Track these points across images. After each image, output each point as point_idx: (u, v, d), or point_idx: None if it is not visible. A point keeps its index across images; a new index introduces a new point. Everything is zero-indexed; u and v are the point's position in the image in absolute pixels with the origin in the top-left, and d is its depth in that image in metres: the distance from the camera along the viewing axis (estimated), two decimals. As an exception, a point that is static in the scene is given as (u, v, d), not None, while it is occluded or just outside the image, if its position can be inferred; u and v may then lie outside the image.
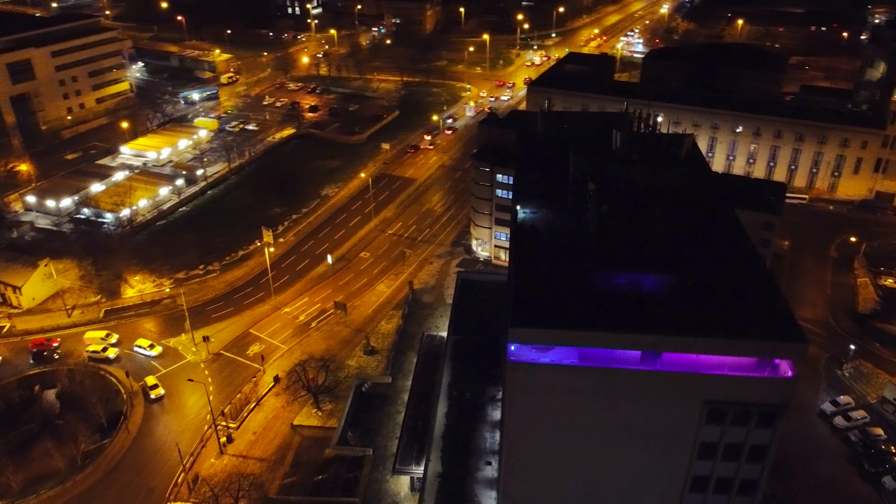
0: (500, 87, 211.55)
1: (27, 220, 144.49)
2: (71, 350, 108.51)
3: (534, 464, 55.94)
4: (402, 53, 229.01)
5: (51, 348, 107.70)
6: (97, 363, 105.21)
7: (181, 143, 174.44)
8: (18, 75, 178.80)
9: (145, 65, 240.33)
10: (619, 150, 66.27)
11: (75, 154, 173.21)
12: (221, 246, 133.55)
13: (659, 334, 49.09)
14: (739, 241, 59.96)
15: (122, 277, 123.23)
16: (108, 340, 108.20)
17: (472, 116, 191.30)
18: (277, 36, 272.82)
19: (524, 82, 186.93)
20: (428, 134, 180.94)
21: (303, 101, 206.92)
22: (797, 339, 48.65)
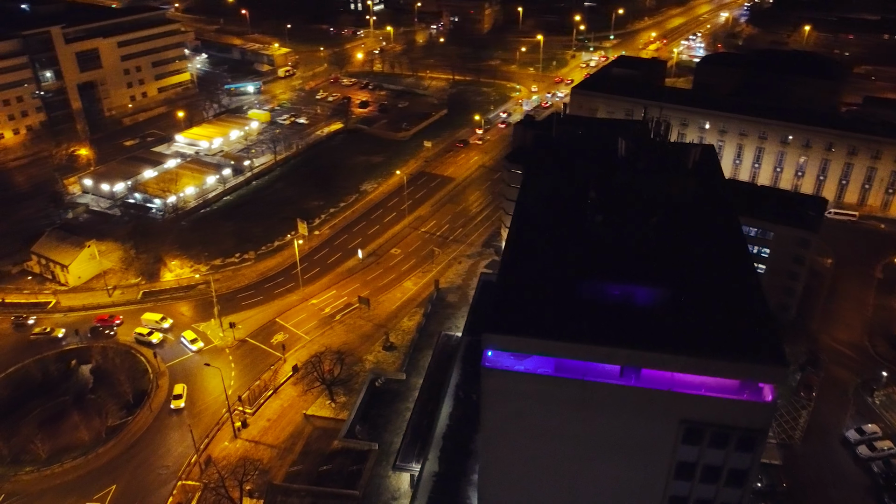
0: (557, 84, 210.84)
1: (83, 203, 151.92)
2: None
3: (510, 470, 55.90)
4: (455, 52, 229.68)
5: (113, 325, 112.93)
6: (140, 344, 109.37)
7: (233, 134, 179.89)
8: (87, 64, 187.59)
9: (209, 56, 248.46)
10: (625, 158, 65.28)
11: (133, 141, 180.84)
12: (259, 236, 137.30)
13: (633, 349, 48.32)
14: (737, 256, 58.20)
15: (162, 261, 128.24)
16: (161, 324, 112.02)
17: (528, 111, 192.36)
18: (338, 31, 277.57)
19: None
20: (479, 128, 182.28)
21: (355, 97, 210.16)
22: (776, 362, 47.09)
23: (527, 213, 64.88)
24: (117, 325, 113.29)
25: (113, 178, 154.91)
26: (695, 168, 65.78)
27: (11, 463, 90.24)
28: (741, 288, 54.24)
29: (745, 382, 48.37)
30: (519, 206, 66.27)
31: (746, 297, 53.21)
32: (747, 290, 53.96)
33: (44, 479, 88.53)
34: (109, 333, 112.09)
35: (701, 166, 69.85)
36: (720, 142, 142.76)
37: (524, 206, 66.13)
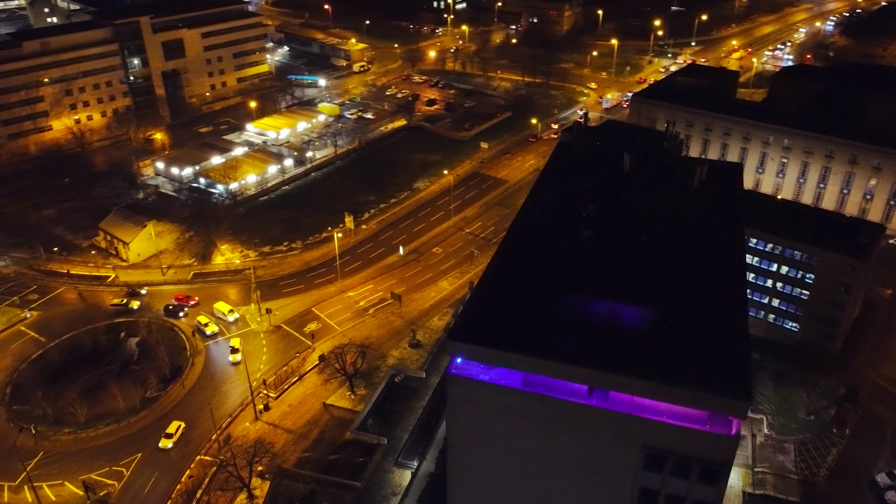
0: (640, 85, 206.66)
1: (153, 184, 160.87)
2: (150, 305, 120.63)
3: (476, 478, 56.15)
4: (528, 53, 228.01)
5: (187, 305, 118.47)
6: (197, 332, 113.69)
7: (300, 126, 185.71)
8: (171, 53, 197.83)
9: (290, 49, 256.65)
10: (629, 172, 64.02)
11: (207, 128, 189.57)
12: (309, 226, 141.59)
13: (595, 369, 47.65)
14: (729, 281, 56.07)
15: (214, 245, 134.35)
16: (228, 316, 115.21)
17: (607, 109, 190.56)
18: (417, 29, 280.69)
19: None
20: (555, 123, 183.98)
21: (423, 94, 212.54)
22: (740, 395, 45.38)
23: (524, 221, 64.66)
24: (191, 306, 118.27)
25: (183, 162, 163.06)
26: (701, 186, 63.60)
27: (53, 423, 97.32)
28: (724, 315, 52.39)
29: (707, 413, 46.81)
30: (519, 214, 66.13)
31: (726, 326, 51.38)
32: (729, 319, 52.08)
33: (79, 441, 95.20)
34: (180, 315, 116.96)
35: (715, 184, 67.56)
36: (784, 159, 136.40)
37: (525, 214, 65.92)
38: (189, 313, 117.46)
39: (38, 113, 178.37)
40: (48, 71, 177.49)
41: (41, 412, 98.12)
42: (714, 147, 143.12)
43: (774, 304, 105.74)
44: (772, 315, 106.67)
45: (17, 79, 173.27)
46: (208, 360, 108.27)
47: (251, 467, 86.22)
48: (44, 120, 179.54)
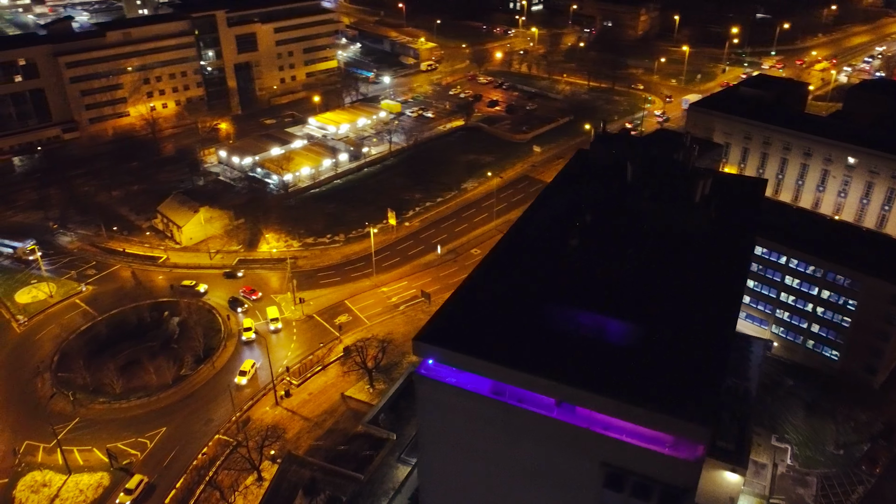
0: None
1: (215, 172, 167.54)
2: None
3: (445, 479, 56.27)
4: (596, 57, 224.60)
5: (251, 298, 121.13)
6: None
7: (360, 122, 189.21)
8: (244, 46, 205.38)
9: (362, 46, 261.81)
10: (631, 184, 62.56)
11: (272, 120, 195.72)
12: (353, 220, 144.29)
13: (555, 381, 46.94)
14: (719, 302, 53.96)
15: (262, 233, 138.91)
16: (270, 325, 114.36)
17: (661, 120, 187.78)
18: (489, 29, 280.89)
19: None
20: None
21: (486, 95, 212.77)
22: (701, 419, 43.75)
23: (521, 227, 64.20)
24: (254, 301, 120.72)
25: (244, 152, 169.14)
26: (705, 200, 61.30)
27: (91, 392, 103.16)
28: (705, 337, 50.49)
29: (672, 436, 45.39)
30: (519, 220, 65.68)
31: (705, 348, 49.52)
32: (710, 341, 50.16)
33: (112, 411, 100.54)
34: (238, 310, 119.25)
35: (731, 199, 65.18)
36: (847, 178, 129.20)
37: (523, 220, 65.43)
38: (248, 308, 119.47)
39: (117, 99, 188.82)
40: (129, 60, 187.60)
41: (82, 381, 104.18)
42: (772, 162, 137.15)
43: (814, 330, 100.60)
44: (811, 341, 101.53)
45: (100, 66, 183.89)
46: (239, 344, 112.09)
47: (261, 450, 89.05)
48: (122, 106, 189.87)
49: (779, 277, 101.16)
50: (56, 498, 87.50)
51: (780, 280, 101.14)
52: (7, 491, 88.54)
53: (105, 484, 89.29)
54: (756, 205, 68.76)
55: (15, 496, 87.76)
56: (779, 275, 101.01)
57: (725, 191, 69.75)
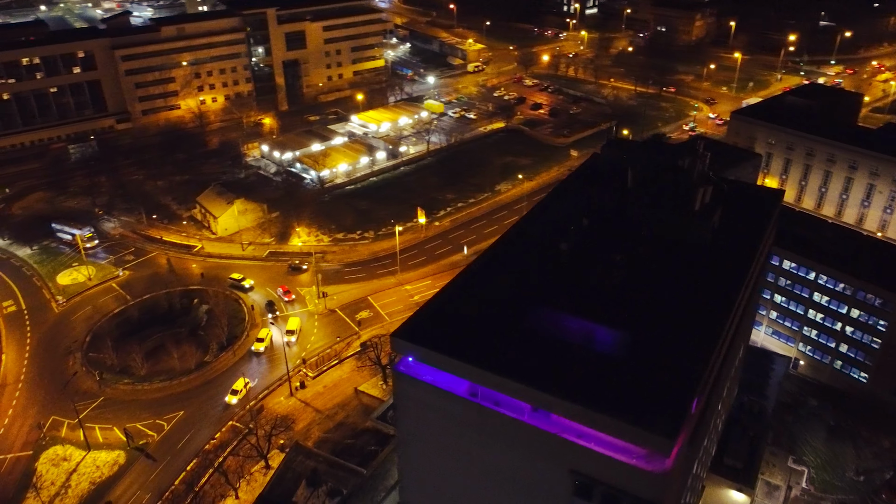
0: None
1: (256, 166, 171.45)
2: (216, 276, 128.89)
3: (423, 476, 56.34)
4: (647, 62, 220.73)
5: (286, 300, 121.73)
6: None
7: (401, 121, 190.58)
8: (293, 43, 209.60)
9: (411, 46, 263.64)
10: (632, 190, 61.42)
11: (316, 117, 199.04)
12: (384, 217, 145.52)
13: (524, 384, 46.45)
14: (707, 314, 52.42)
15: (294, 227, 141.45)
16: (290, 337, 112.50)
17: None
18: (541, 32, 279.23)
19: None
20: (686, 124, 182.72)
21: (531, 98, 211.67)
22: (665, 432, 42.63)
23: (518, 230, 63.74)
24: (286, 302, 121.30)
25: (285, 147, 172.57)
26: (706, 209, 59.59)
27: (118, 373, 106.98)
28: (683, 349, 49.15)
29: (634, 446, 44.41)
30: (518, 223, 65.25)
31: (683, 360, 48.21)
32: (690, 352, 48.80)
33: (135, 392, 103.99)
34: (276, 311, 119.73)
35: (742, 210, 63.42)
36: (894, 192, 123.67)
37: (522, 222, 64.98)
38: (279, 312, 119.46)
39: (169, 92, 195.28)
40: (181, 55, 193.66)
41: (110, 362, 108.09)
42: (815, 175, 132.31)
43: (842, 350, 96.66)
44: (839, 361, 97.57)
45: (154, 60, 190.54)
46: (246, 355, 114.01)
47: (270, 439, 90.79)
48: (173, 99, 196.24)
49: (807, 294, 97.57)
50: (74, 472, 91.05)
51: (809, 296, 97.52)
52: (30, 462, 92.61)
53: (121, 462, 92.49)
54: (767, 216, 66.49)
55: (37, 468, 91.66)
56: (807, 291, 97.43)
57: (738, 200, 68.01)
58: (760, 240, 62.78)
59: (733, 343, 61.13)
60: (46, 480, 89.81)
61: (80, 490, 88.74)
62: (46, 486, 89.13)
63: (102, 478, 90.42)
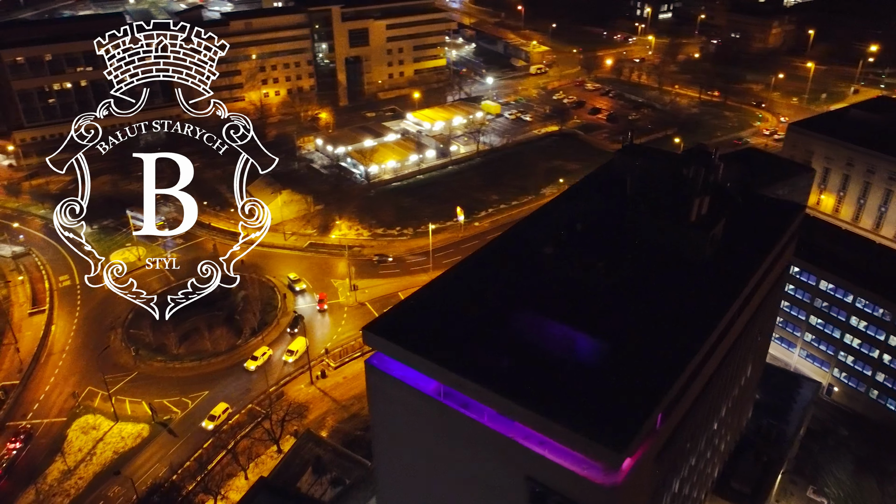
0: None
1: (309, 159, 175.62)
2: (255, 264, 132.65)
3: (395, 472, 56.69)
4: (715, 69, 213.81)
5: (319, 308, 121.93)
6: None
7: (456, 120, 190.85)
8: (356, 40, 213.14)
9: (476, 46, 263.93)
10: (630, 197, 60.00)
11: (372, 113, 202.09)
12: (425, 215, 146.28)
13: (480, 385, 46.14)
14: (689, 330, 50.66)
15: (335, 220, 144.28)
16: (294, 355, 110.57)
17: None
18: (610, 36, 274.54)
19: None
20: (767, 128, 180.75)
21: (590, 102, 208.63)
22: (614, 444, 41.53)
23: (516, 233, 63.25)
24: (320, 311, 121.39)
25: (339, 142, 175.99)
26: (702, 221, 57.42)
27: (153, 350, 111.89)
28: (655, 362, 47.70)
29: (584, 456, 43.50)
30: (516, 226, 64.77)
31: (650, 373, 46.82)
32: (658, 366, 47.34)
33: (166, 370, 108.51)
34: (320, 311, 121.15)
35: (754, 223, 61.04)
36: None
37: (521, 226, 64.46)
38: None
39: (234, 85, 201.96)
40: (248, 48, 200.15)
41: (148, 339, 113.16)
42: (875, 193, 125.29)
43: (879, 379, 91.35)
44: (875, 390, 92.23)
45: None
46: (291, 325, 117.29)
47: (283, 425, 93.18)
48: (238, 91, 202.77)
49: (844, 317, 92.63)
50: (100, 441, 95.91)
51: (846, 320, 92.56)
52: (63, 428, 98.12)
53: (144, 435, 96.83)
54: (780, 231, 63.62)
55: (68, 434, 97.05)
56: (844, 314, 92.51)
57: (755, 214, 65.44)
58: (766, 255, 60.16)
59: (729, 361, 58.88)
60: (74, 447, 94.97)
61: (104, 458, 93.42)
62: (73, 451, 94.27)
63: (125, 448, 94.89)
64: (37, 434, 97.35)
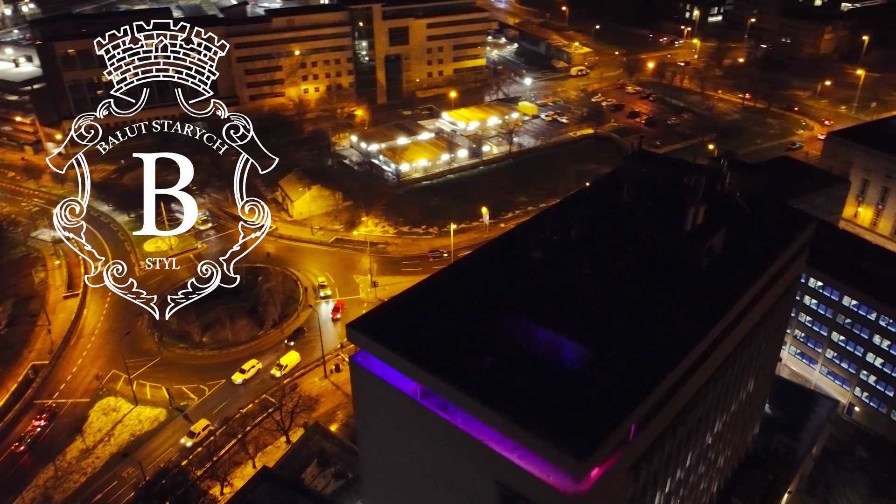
0: None
1: (343, 155, 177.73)
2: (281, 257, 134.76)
3: (379, 468, 57.24)
4: (761, 75, 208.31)
5: (333, 318, 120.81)
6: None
7: (491, 121, 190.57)
8: (396, 39, 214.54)
9: (518, 47, 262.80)
10: (627, 205, 59.27)
11: (409, 112, 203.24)
12: (452, 215, 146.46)
13: (454, 387, 46.27)
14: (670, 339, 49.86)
15: (362, 217, 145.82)
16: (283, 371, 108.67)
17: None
18: (656, 38, 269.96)
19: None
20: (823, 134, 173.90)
21: (630, 105, 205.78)
22: (576, 453, 41.18)
23: (511, 237, 63.12)
24: (334, 319, 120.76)
25: (373, 139, 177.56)
26: (699, 231, 56.24)
27: (177, 337, 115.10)
28: (634, 373, 47.07)
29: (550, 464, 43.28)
30: (513, 230, 64.60)
31: (627, 383, 46.25)
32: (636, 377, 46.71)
33: (187, 357, 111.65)
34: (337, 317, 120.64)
35: (763, 234, 59.92)
36: None
37: (518, 230, 64.28)
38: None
39: (275, 80, 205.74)
40: (290, 45, 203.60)
41: (172, 326, 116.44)
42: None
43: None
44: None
45: (264, 49, 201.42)
46: (310, 317, 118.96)
47: (292, 416, 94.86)
48: (279, 87, 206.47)
49: (867, 335, 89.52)
50: (119, 423, 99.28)
51: (868, 338, 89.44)
52: (85, 409, 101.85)
53: (161, 419, 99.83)
54: (786, 243, 61.94)
55: (89, 415, 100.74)
56: (867, 332, 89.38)
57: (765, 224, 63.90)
58: (767, 266, 58.67)
59: (723, 374, 57.66)
60: (94, 427, 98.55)
61: (121, 440, 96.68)
62: (93, 431, 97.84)
63: (142, 431, 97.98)
64: (60, 413, 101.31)
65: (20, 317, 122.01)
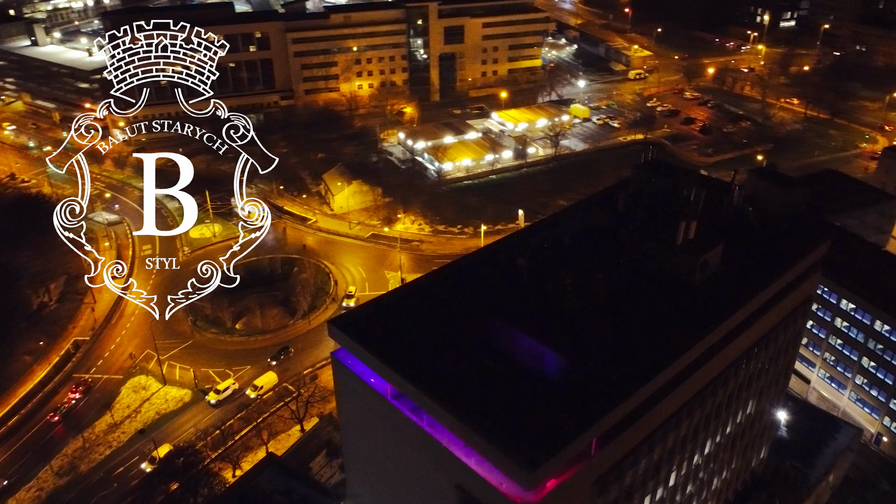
0: None
1: (389, 152, 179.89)
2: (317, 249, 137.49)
3: (359, 463, 58.32)
4: (827, 83, 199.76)
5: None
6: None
7: (540, 122, 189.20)
8: (451, 37, 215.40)
9: (577, 48, 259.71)
10: (622, 215, 58.38)
11: (459, 111, 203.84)
12: (489, 215, 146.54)
13: (418, 388, 46.73)
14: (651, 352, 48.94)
15: (400, 214, 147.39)
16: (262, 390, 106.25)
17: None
18: (722, 42, 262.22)
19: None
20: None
21: (686, 111, 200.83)
22: (527, 463, 41.02)
23: (507, 242, 63.03)
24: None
25: (419, 137, 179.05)
26: (692, 245, 54.80)
27: (210, 322, 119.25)
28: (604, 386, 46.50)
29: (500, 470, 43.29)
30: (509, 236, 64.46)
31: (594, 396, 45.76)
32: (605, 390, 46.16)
33: (217, 342, 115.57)
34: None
35: (770, 249, 58.21)
36: None
37: (514, 237, 64.12)
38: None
39: (330, 75, 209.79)
40: (346, 41, 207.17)
41: (207, 311, 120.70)
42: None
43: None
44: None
45: (321, 44, 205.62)
46: (338, 310, 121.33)
47: (307, 406, 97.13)
48: (333, 82, 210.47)
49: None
50: (146, 401, 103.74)
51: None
52: (118, 385, 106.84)
53: (185, 400, 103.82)
54: (792, 261, 59.76)
55: (120, 391, 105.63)
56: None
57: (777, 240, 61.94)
58: (768, 285, 56.81)
59: (712, 393, 56.20)
60: (124, 403, 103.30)
61: (147, 417, 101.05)
62: (122, 407, 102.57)
63: (167, 410, 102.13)
64: (95, 388, 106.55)
65: (69, 293, 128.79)
